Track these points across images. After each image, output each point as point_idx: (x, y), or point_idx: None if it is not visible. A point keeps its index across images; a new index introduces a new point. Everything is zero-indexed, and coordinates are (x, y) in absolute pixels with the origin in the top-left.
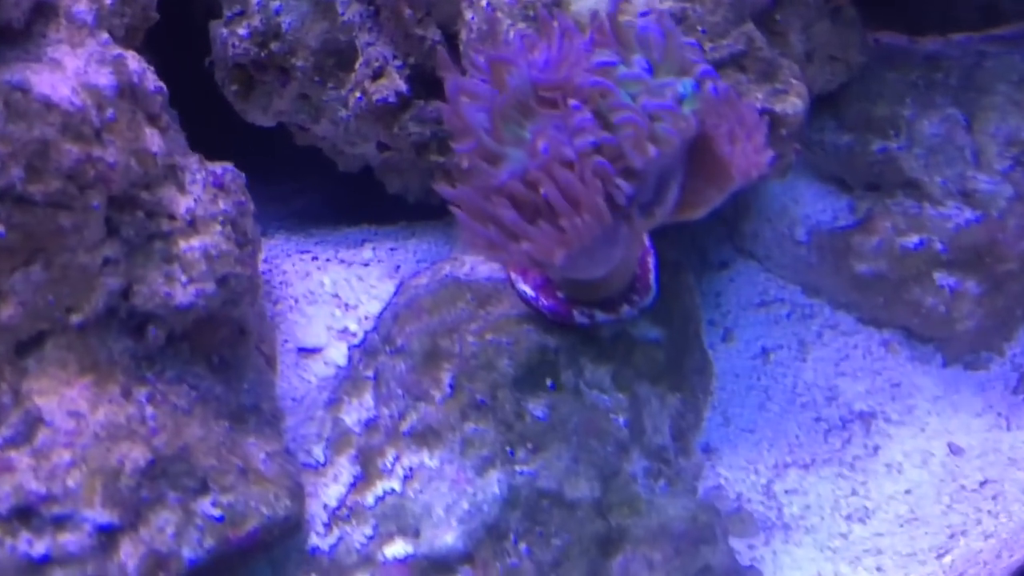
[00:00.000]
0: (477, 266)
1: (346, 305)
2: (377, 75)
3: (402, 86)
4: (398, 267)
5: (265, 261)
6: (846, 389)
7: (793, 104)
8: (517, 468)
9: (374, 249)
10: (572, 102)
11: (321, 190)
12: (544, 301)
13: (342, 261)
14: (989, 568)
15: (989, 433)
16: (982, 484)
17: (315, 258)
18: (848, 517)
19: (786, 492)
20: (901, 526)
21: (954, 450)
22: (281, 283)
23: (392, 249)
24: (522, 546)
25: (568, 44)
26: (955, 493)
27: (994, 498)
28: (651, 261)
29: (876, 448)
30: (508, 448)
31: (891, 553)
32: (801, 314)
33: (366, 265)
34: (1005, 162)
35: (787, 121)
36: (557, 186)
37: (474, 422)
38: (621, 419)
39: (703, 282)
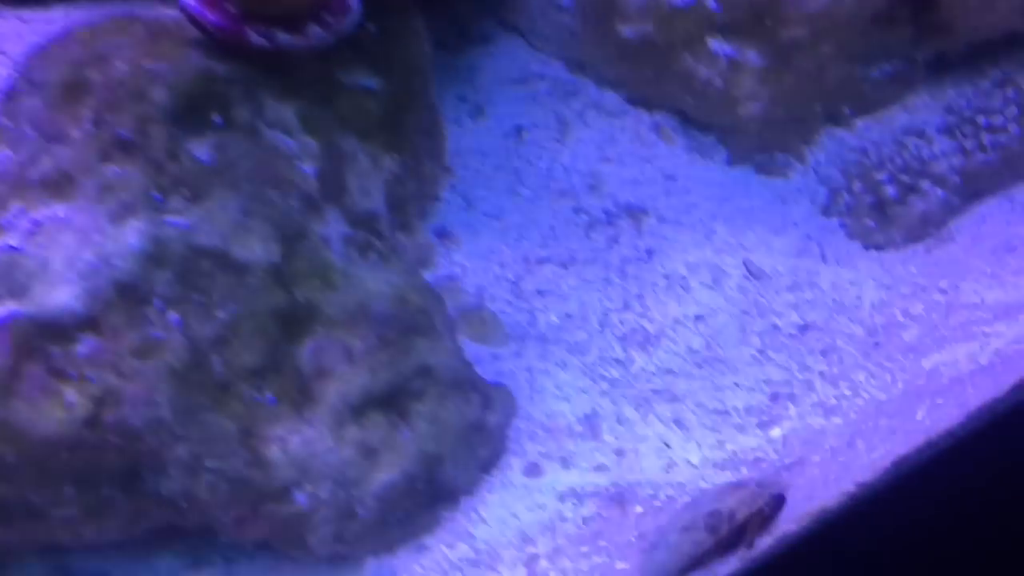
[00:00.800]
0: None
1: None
2: None
3: None
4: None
5: None
6: (610, 177)
7: None
8: (167, 218)
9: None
10: None
11: None
12: (209, 15)
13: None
14: (843, 461)
15: (800, 260)
16: (803, 329)
17: None
18: (624, 339)
19: (539, 293)
20: (700, 367)
21: (753, 272)
22: None
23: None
24: (171, 315)
25: None
26: (767, 336)
27: (824, 354)
28: None
29: (650, 252)
30: (156, 194)
31: (692, 404)
32: (562, 91)
33: (46, 18)
34: None
35: None
36: None
37: (116, 163)
38: (309, 168)
39: (459, 57)
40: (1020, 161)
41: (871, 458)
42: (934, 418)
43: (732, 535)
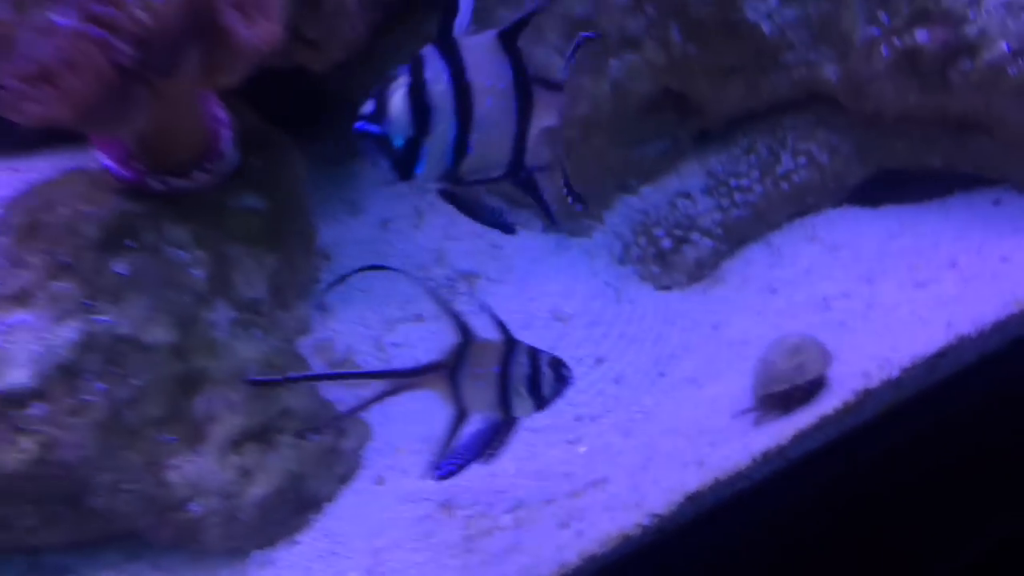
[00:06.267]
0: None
1: None
2: None
3: None
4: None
5: None
6: (452, 251)
7: None
8: (95, 317)
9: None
10: None
11: None
12: (124, 171)
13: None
14: (636, 480)
15: (596, 303)
16: (599, 362)
17: None
18: None
19: (395, 345)
20: None
21: (558, 315)
22: None
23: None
24: (97, 384)
25: None
26: (578, 371)
27: (617, 382)
28: (225, 133)
29: (480, 305)
30: (87, 300)
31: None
32: (419, 188)
33: (29, 170)
34: (556, 36)
35: None
36: (55, 53)
37: (60, 281)
38: (199, 273)
39: (342, 168)
40: (768, 213)
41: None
42: (722, 454)
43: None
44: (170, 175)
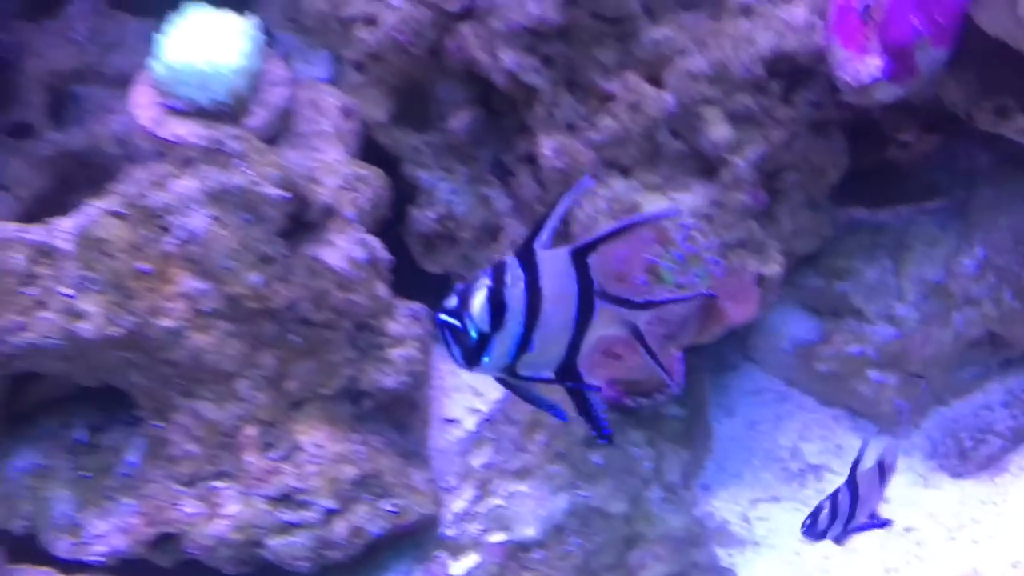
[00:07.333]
0: None
1: (479, 393)
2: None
3: None
4: None
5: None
6: (805, 449)
7: (773, 268)
8: (579, 492)
9: None
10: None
11: None
12: (607, 392)
13: None
14: None
15: (910, 489)
16: (907, 530)
17: None
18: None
19: (758, 518)
20: (843, 554)
21: (885, 497)
22: (438, 377)
23: None
24: (576, 539)
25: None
26: (885, 535)
27: (919, 544)
28: (679, 368)
29: (823, 491)
30: (575, 481)
31: (838, 575)
32: (780, 398)
33: None
34: (915, 295)
35: (769, 278)
36: None
37: (554, 465)
38: (648, 464)
39: (718, 378)
40: None
41: None
42: None
43: None
44: (640, 396)
